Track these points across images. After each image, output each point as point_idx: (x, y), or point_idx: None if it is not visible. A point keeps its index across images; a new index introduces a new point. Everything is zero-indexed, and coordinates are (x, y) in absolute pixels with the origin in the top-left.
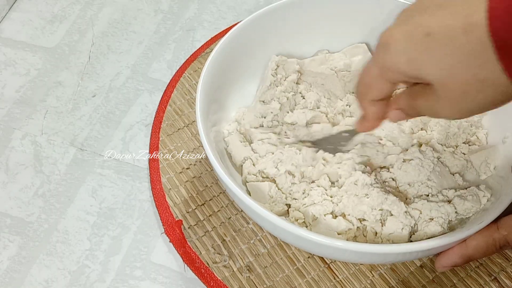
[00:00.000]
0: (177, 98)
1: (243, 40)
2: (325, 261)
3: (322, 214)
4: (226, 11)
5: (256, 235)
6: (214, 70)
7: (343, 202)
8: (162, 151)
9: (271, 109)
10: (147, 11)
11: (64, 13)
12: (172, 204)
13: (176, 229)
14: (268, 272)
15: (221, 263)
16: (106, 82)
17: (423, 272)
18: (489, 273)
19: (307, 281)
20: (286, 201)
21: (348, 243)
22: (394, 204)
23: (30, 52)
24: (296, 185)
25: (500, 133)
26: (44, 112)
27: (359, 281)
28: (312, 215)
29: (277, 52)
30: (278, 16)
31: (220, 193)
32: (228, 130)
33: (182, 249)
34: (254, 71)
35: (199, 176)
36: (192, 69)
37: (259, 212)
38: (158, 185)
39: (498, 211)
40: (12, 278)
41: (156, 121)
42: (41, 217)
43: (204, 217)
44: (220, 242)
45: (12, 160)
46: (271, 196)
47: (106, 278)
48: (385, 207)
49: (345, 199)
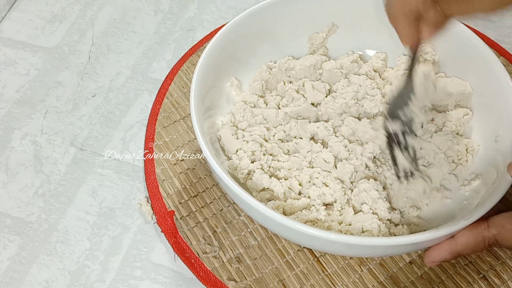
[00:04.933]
0: (174, 91)
1: (240, 33)
2: (315, 255)
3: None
4: (226, 11)
5: (247, 227)
6: (210, 61)
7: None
8: (157, 142)
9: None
10: (147, 11)
11: (64, 13)
12: (165, 195)
13: (168, 219)
14: (257, 264)
15: (211, 254)
16: (106, 82)
17: (412, 268)
18: (478, 271)
19: (296, 273)
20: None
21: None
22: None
23: (30, 52)
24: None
25: (492, 132)
26: (44, 112)
27: (348, 275)
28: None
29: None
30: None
31: (213, 185)
32: (222, 122)
33: (173, 239)
34: (250, 63)
35: (192, 168)
36: (190, 63)
37: (250, 203)
38: (151, 175)
39: (487, 208)
40: (12, 278)
41: (152, 113)
42: (41, 217)
43: (196, 208)
44: (211, 233)
45: (12, 160)
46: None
47: (106, 278)
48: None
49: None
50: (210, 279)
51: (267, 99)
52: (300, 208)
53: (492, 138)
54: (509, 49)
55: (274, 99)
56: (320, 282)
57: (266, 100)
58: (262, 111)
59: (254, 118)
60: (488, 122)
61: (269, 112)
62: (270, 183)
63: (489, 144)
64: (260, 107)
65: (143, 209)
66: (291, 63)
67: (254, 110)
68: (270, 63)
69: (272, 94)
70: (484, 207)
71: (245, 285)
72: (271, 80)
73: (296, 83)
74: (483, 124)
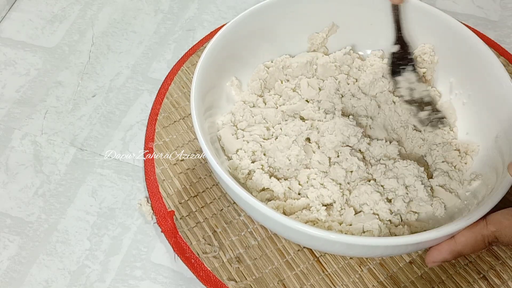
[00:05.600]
0: (174, 91)
1: (240, 32)
2: (315, 255)
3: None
4: (226, 11)
5: (247, 227)
6: (210, 61)
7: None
8: (157, 142)
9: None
10: (147, 11)
11: (64, 13)
12: (165, 195)
13: (168, 220)
14: (257, 264)
15: (211, 254)
16: (106, 82)
17: (412, 268)
18: (478, 271)
19: (296, 273)
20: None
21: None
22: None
23: (30, 52)
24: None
25: (491, 133)
26: (44, 112)
27: (348, 275)
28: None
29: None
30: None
31: (213, 185)
32: (222, 121)
33: (173, 239)
34: (250, 62)
35: (192, 168)
36: (190, 63)
37: (250, 203)
38: (151, 175)
39: (487, 208)
40: (12, 278)
41: (152, 113)
42: (41, 217)
43: (196, 209)
44: (211, 233)
45: (12, 160)
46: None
47: (106, 278)
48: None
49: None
50: (210, 279)
51: (266, 99)
52: (300, 208)
53: (492, 138)
54: (509, 49)
55: (273, 98)
56: (320, 282)
57: (265, 99)
58: (261, 110)
59: (253, 118)
60: (488, 122)
61: (268, 112)
62: (270, 183)
63: (489, 144)
64: (259, 106)
65: (143, 209)
66: (287, 61)
67: (253, 110)
68: (267, 63)
69: (270, 93)
70: (484, 207)
71: (245, 285)
72: (269, 79)
73: (293, 81)
74: (483, 124)
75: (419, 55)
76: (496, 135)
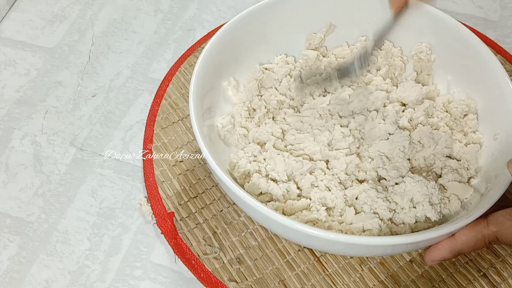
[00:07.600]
0: (172, 92)
1: (239, 33)
2: (315, 255)
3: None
4: (226, 11)
5: (247, 228)
6: (208, 62)
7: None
8: (156, 144)
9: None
10: (147, 11)
11: (64, 13)
12: (164, 196)
13: (168, 221)
14: (258, 265)
15: (212, 255)
16: (106, 82)
17: (412, 266)
18: (478, 269)
19: (297, 274)
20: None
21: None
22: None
23: (30, 52)
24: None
25: (490, 130)
26: (44, 112)
27: (349, 274)
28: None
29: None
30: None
31: (213, 186)
32: (222, 124)
33: (173, 241)
34: (249, 63)
35: (192, 169)
36: (188, 64)
37: (250, 203)
38: (151, 177)
39: (486, 206)
40: (12, 278)
41: (150, 115)
42: (41, 217)
43: (196, 210)
44: (211, 234)
45: (12, 160)
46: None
47: (106, 278)
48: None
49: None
50: (211, 280)
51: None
52: (300, 208)
53: (491, 136)
54: (509, 49)
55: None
56: (321, 281)
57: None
58: (259, 112)
59: (252, 120)
60: (487, 120)
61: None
62: (268, 186)
63: (488, 142)
64: (258, 107)
65: (143, 209)
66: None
67: (252, 111)
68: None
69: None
70: (484, 206)
71: (246, 285)
72: (265, 79)
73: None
74: (482, 123)
75: (415, 54)
76: (495, 133)
